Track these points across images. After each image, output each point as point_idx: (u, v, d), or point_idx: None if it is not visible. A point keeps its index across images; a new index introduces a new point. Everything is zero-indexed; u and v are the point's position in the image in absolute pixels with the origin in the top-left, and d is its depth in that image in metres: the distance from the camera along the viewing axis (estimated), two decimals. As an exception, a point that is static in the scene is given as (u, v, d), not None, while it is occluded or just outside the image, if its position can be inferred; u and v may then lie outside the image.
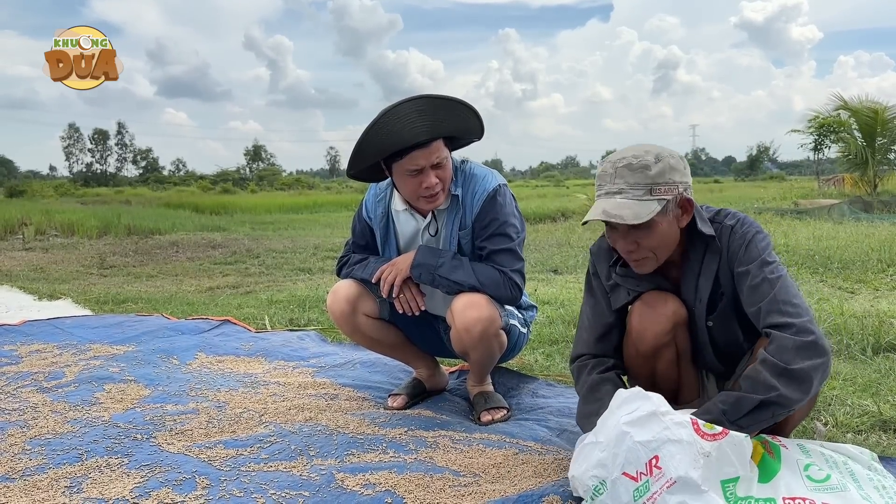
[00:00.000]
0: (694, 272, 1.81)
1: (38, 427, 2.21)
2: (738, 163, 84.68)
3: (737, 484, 1.45)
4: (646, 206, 1.65)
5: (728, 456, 1.45)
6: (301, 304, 4.63)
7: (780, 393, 1.55)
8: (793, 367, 1.55)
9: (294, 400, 2.48)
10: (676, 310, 1.82)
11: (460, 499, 1.70)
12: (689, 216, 1.74)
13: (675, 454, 1.42)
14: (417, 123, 2.08)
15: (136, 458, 1.94)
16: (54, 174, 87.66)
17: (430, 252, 2.26)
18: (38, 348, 3.28)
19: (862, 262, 5.91)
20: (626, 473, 1.46)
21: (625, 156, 1.69)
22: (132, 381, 2.71)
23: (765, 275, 1.69)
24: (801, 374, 1.55)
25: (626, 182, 1.67)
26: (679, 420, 1.46)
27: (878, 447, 1.97)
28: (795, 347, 1.56)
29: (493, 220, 2.26)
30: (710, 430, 1.47)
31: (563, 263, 6.67)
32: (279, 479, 1.81)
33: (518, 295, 2.29)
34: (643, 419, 1.48)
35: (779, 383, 1.55)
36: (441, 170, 2.19)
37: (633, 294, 1.87)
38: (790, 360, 1.55)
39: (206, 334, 3.57)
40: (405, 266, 2.27)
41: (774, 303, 1.65)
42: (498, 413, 2.32)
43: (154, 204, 23.66)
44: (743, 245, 1.74)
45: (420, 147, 2.12)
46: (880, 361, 2.90)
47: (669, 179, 1.67)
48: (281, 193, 36.42)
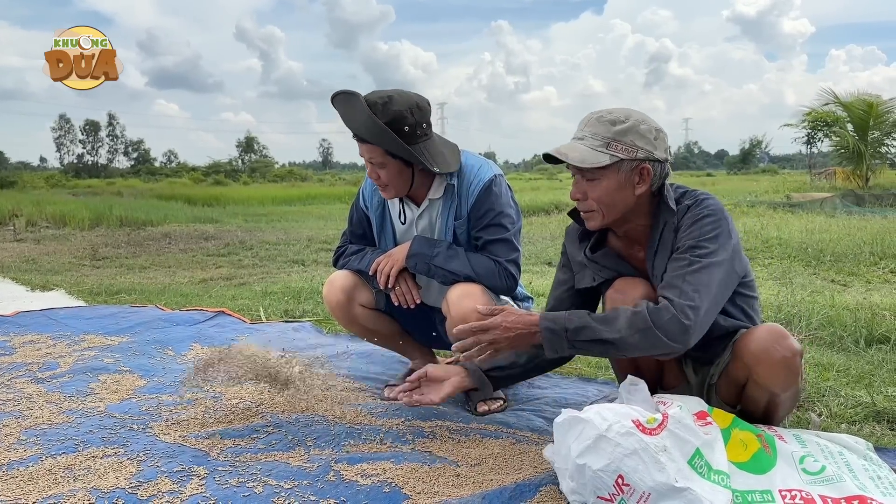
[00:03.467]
0: (653, 248, 1.83)
1: (33, 417, 2.20)
2: (730, 156, 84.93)
3: (702, 456, 1.46)
4: (595, 156, 1.72)
5: (679, 435, 1.46)
6: (296, 295, 4.62)
7: (624, 339, 1.65)
8: (657, 332, 1.62)
9: (290, 390, 2.47)
10: (646, 293, 1.83)
11: (458, 488, 1.71)
12: (645, 185, 1.76)
13: (637, 467, 1.43)
14: (358, 120, 2.15)
15: (133, 449, 1.94)
16: (45, 165, 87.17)
17: (425, 242, 2.26)
18: (31, 339, 3.26)
19: (854, 254, 5.95)
20: (600, 497, 1.47)
21: (605, 110, 1.78)
22: (127, 372, 2.70)
23: (689, 256, 1.71)
24: (656, 341, 1.63)
25: (591, 131, 1.75)
26: (624, 430, 1.47)
27: (871, 437, 1.98)
28: (671, 320, 1.62)
29: (488, 210, 2.26)
30: (651, 423, 1.48)
31: (557, 256, 6.67)
32: (276, 468, 1.81)
33: (513, 285, 2.29)
34: (592, 446, 1.48)
35: (629, 333, 1.65)
36: (382, 169, 2.22)
37: (597, 280, 1.92)
38: (660, 325, 1.62)
39: (201, 325, 3.57)
40: (401, 257, 2.27)
41: (680, 279, 1.68)
42: (494, 403, 2.33)
43: (146, 195, 23.53)
44: (690, 224, 1.75)
45: (356, 138, 2.21)
46: (873, 353, 2.92)
47: (630, 141, 1.72)
48: (273, 185, 36.26)
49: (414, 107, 2.17)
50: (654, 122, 1.77)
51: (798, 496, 1.51)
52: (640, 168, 1.74)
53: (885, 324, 3.27)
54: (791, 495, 1.51)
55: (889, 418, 2.17)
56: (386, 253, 2.32)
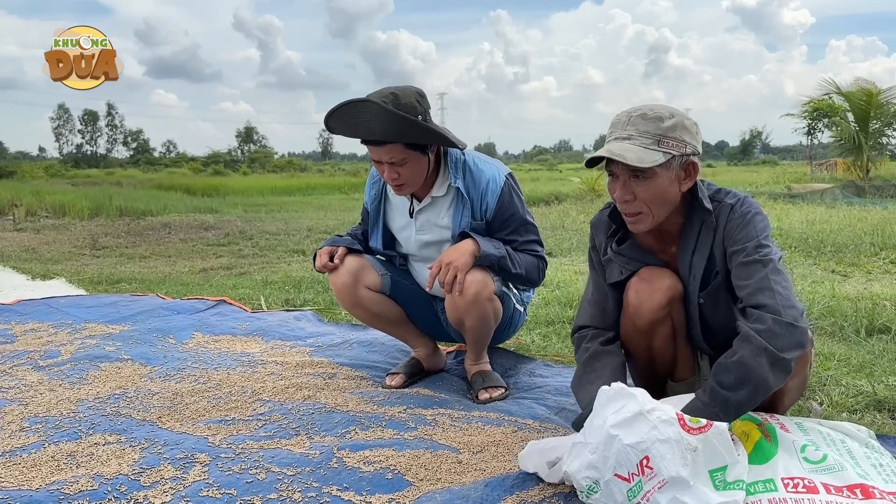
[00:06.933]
0: (689, 248, 1.80)
1: (35, 405, 2.20)
2: (731, 147, 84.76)
3: (725, 472, 1.47)
4: (650, 154, 1.66)
5: (714, 446, 1.46)
6: (296, 285, 4.62)
7: (768, 383, 1.56)
8: (785, 356, 1.55)
9: (292, 379, 2.48)
10: (672, 285, 1.82)
11: (460, 475, 1.71)
12: (691, 181, 1.74)
13: (665, 454, 1.42)
14: (372, 124, 2.14)
15: (135, 436, 1.94)
16: (44, 155, 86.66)
17: (489, 243, 2.26)
18: (32, 327, 3.26)
19: (855, 245, 5.95)
20: (618, 475, 1.46)
21: (641, 107, 1.71)
22: (129, 360, 2.70)
23: (758, 255, 1.68)
24: (789, 364, 1.57)
25: (637, 129, 1.68)
26: (665, 417, 1.46)
27: (872, 426, 1.98)
28: (787, 335, 1.56)
29: (512, 214, 2.33)
30: (695, 424, 1.47)
31: (558, 246, 6.68)
32: (279, 455, 1.81)
33: (545, 275, 2.44)
34: (629, 420, 1.47)
35: (771, 374, 1.56)
36: (401, 167, 2.22)
37: (625, 273, 1.88)
38: (783, 347, 1.55)
39: (203, 314, 3.57)
40: (463, 262, 2.17)
41: (766, 281, 1.64)
42: (496, 392, 2.33)
43: (145, 185, 23.51)
44: (741, 224, 1.72)
45: (374, 144, 2.19)
46: (874, 343, 2.92)
47: (679, 136, 1.68)
48: (273, 176, 36.18)
49: (418, 96, 2.19)
50: (689, 116, 1.75)
51: (800, 484, 1.50)
52: (687, 164, 1.71)
53: (885, 314, 3.28)
54: (794, 483, 1.51)
55: (890, 407, 2.18)
56: (437, 262, 2.21)
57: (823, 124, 18.79)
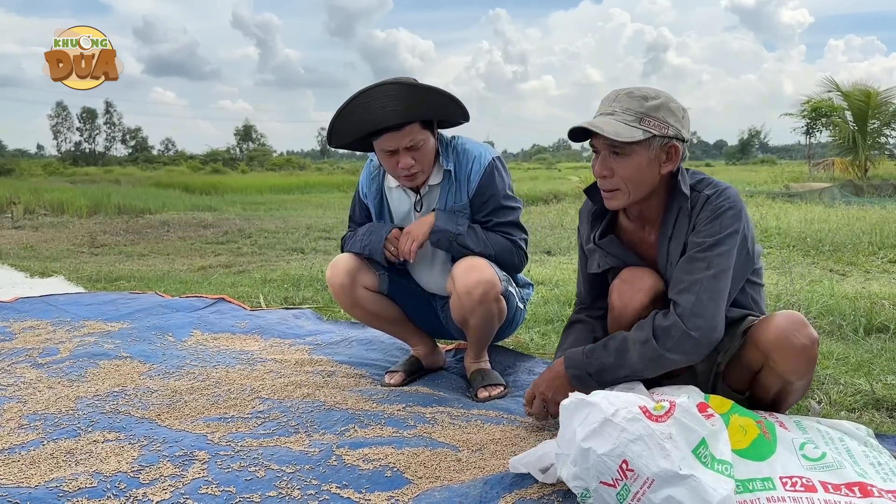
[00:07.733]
0: (667, 234, 1.81)
1: (33, 402, 2.20)
2: (729, 146, 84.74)
3: (706, 446, 1.46)
4: (630, 130, 1.68)
5: (685, 425, 1.46)
6: (295, 283, 4.62)
7: (641, 371, 1.74)
8: (667, 357, 1.69)
9: (291, 377, 2.48)
10: (654, 284, 1.83)
11: (460, 473, 1.71)
12: (672, 165, 1.74)
13: (642, 453, 1.42)
14: (389, 107, 2.13)
15: (134, 434, 1.94)
16: (42, 153, 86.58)
17: (449, 218, 2.28)
18: (31, 325, 3.26)
19: (853, 244, 5.95)
20: (603, 482, 1.46)
21: (636, 88, 1.74)
22: (128, 358, 2.70)
23: (707, 255, 1.70)
24: (670, 363, 1.71)
25: (621, 106, 1.71)
26: (630, 416, 1.46)
27: (871, 425, 1.98)
28: (680, 340, 1.68)
29: (492, 195, 2.32)
30: (659, 410, 1.47)
31: (556, 245, 6.68)
32: (278, 453, 1.81)
33: (525, 262, 2.40)
34: (598, 430, 1.46)
35: (644, 366, 1.72)
36: (417, 151, 2.21)
37: (602, 267, 1.93)
38: (671, 348, 1.68)
39: (201, 312, 3.56)
40: (423, 231, 2.28)
41: (696, 284, 1.69)
42: (495, 390, 2.33)
43: (144, 183, 23.45)
44: (710, 217, 1.73)
45: (392, 130, 2.17)
46: (872, 342, 2.92)
47: (662, 117, 1.70)
48: (272, 174, 36.10)
49: (416, 80, 2.20)
50: (680, 102, 1.76)
51: (799, 483, 1.51)
52: (669, 146, 1.72)
53: (883, 313, 3.28)
54: (792, 482, 1.51)
55: (888, 406, 2.18)
56: (404, 231, 2.31)
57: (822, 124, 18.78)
